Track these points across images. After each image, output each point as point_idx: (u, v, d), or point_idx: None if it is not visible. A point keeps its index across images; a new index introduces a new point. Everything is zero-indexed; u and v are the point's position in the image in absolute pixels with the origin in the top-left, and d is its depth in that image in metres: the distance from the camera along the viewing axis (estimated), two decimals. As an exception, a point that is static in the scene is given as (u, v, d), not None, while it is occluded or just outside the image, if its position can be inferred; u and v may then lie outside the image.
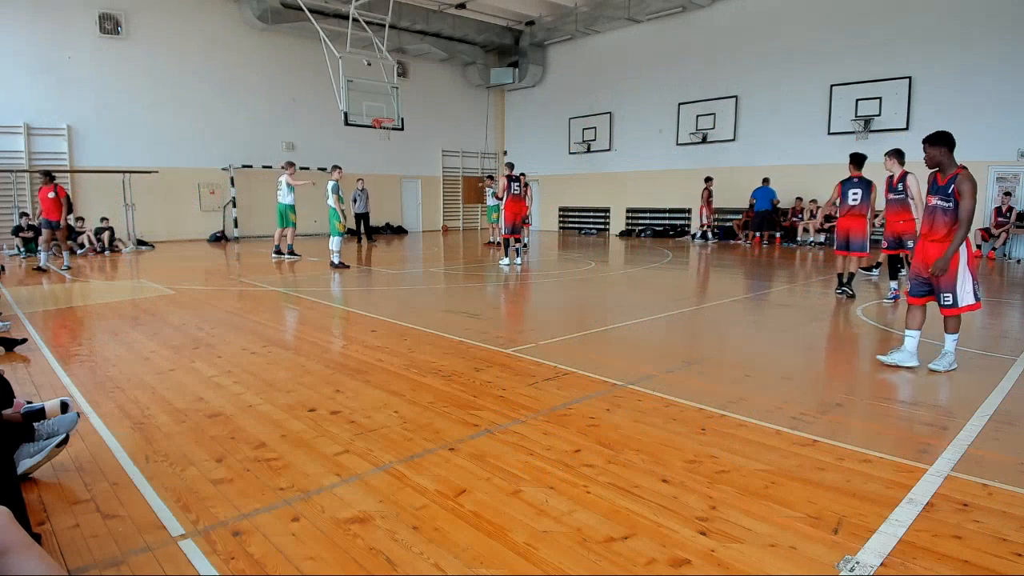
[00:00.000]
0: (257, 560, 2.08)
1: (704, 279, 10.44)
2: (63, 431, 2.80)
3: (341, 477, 2.72)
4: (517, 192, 11.21)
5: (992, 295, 8.30)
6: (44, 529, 2.28)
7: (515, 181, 11.23)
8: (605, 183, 20.36)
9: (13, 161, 14.05)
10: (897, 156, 7.02)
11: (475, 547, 2.17)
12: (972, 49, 12.83)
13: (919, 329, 4.42)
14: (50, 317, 6.55)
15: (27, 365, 4.62)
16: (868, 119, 14.25)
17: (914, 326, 4.42)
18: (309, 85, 17.85)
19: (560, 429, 3.29)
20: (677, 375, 4.37)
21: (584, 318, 6.84)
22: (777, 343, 5.51)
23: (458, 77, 22.42)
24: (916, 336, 4.40)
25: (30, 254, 13.07)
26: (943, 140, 4.23)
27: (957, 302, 4.19)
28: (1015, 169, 12.71)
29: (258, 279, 9.46)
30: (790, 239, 15.63)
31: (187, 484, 2.65)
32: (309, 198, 18.75)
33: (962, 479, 2.69)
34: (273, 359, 4.74)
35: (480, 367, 4.50)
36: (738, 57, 16.51)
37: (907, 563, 2.07)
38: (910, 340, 4.42)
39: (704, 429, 3.29)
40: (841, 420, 3.45)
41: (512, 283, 9.40)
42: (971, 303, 4.20)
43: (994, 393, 3.90)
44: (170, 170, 15.95)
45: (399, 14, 17.41)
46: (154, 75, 15.87)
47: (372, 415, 3.50)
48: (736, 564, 2.07)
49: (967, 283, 4.17)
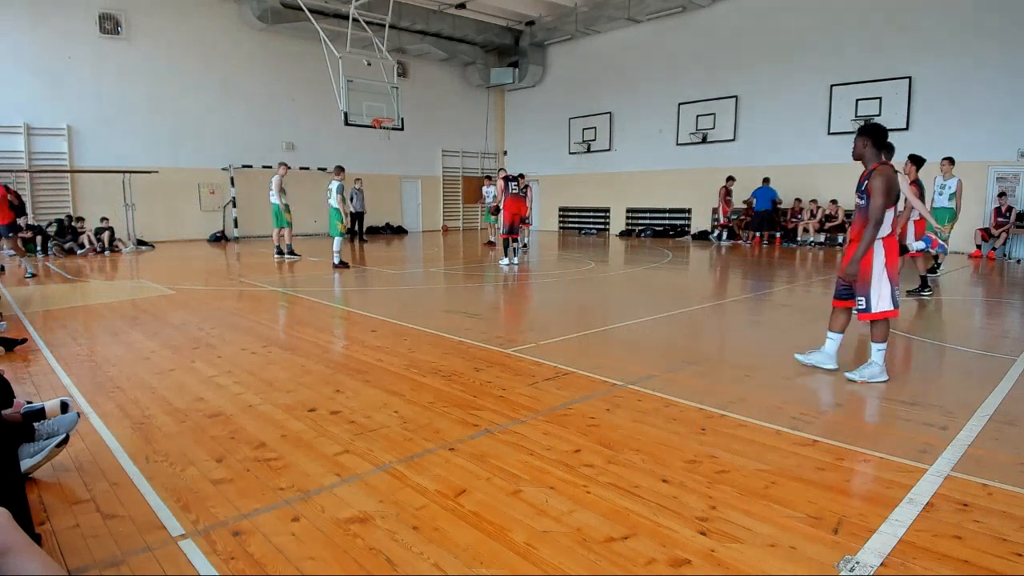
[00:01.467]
0: (257, 560, 2.08)
1: (704, 279, 10.44)
2: (63, 431, 2.80)
3: (341, 477, 2.72)
4: (515, 192, 11.20)
5: (992, 295, 8.30)
6: (44, 529, 2.28)
7: (512, 181, 11.22)
8: (605, 183, 20.35)
9: (13, 161, 14.04)
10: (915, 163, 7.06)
11: (475, 547, 2.17)
12: (972, 49, 12.82)
13: (841, 332, 4.29)
14: (50, 317, 6.55)
15: (27, 365, 4.62)
16: (868, 119, 14.23)
17: (835, 328, 4.29)
18: (309, 85, 17.84)
19: (560, 429, 3.29)
20: (677, 375, 4.36)
21: (584, 318, 6.84)
22: (777, 343, 5.51)
23: (458, 77, 22.42)
24: (837, 339, 4.28)
25: (30, 254, 13.07)
26: (868, 131, 4.08)
27: (870, 307, 3.99)
28: (1015, 169, 12.71)
29: (258, 279, 9.46)
30: (790, 239, 15.62)
31: (187, 484, 2.65)
32: (310, 198, 18.82)
33: (962, 479, 2.69)
34: (273, 359, 4.74)
35: (480, 367, 4.49)
36: (738, 57, 16.50)
37: (907, 563, 2.07)
38: (830, 342, 4.31)
39: (704, 429, 3.29)
40: (841, 420, 3.45)
41: (512, 283, 9.40)
42: (887, 309, 3.97)
43: (994, 393, 3.90)
44: (170, 170, 15.94)
45: (399, 14, 17.40)
46: (154, 75, 15.86)
47: (372, 415, 3.50)
48: (736, 564, 2.07)
49: (883, 287, 3.96)
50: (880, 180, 3.88)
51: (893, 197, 3.91)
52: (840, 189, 14.87)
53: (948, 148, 13.35)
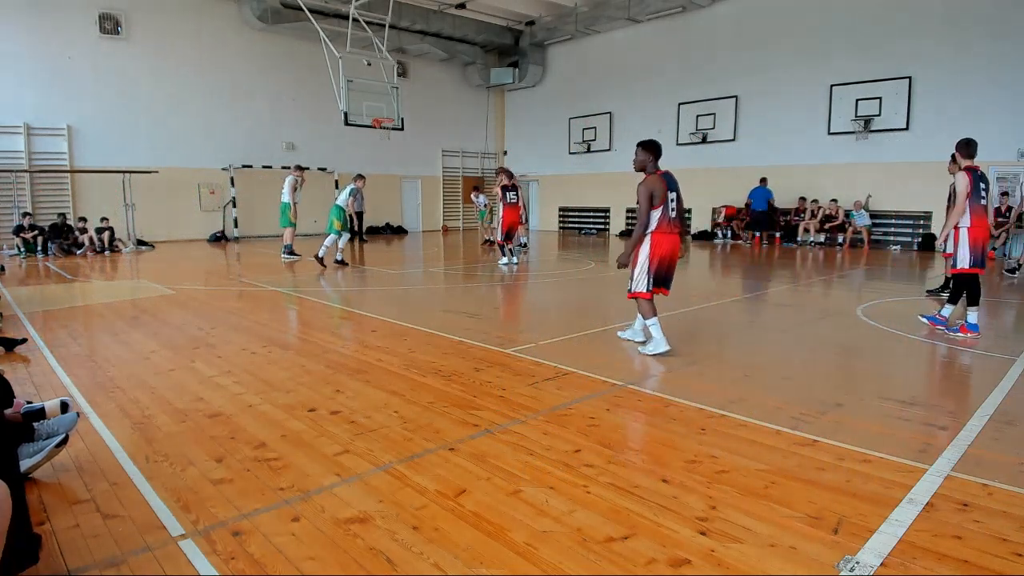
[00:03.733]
0: (257, 560, 2.08)
1: (704, 279, 10.44)
2: (63, 431, 2.80)
3: (341, 477, 2.72)
4: (515, 201, 11.14)
5: (992, 295, 8.30)
6: (44, 529, 2.28)
7: (512, 191, 11.15)
8: (605, 183, 20.34)
9: (13, 161, 14.04)
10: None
11: (475, 547, 2.17)
12: (972, 49, 12.82)
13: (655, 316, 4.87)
14: (50, 317, 6.55)
15: (27, 365, 4.62)
16: (868, 119, 14.24)
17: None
18: (309, 85, 17.83)
19: (560, 429, 3.29)
20: (677, 375, 4.37)
21: (584, 318, 6.84)
22: (777, 343, 5.51)
23: (458, 77, 22.42)
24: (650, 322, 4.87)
25: (30, 254, 13.08)
26: (644, 144, 4.82)
27: (631, 288, 4.90)
28: (1015, 169, 12.70)
29: (258, 279, 9.45)
30: (790, 239, 15.62)
31: (187, 484, 2.65)
32: (311, 197, 18.76)
33: (962, 479, 2.69)
34: (273, 359, 4.74)
35: (480, 367, 4.50)
36: (738, 57, 16.50)
37: (907, 563, 2.07)
38: (641, 321, 5.13)
39: (704, 429, 3.29)
40: (841, 420, 3.45)
41: (512, 283, 9.40)
42: (640, 291, 4.82)
43: (994, 393, 3.90)
44: (170, 170, 15.94)
45: (399, 14, 17.40)
46: (154, 75, 15.86)
47: (372, 415, 3.50)
48: (736, 564, 2.07)
49: (642, 274, 4.80)
50: (641, 188, 4.70)
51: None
52: (840, 189, 14.88)
53: (948, 148, 13.37)
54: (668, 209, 4.72)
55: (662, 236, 4.75)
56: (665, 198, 4.68)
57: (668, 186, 4.71)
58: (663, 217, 4.71)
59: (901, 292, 8.55)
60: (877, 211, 14.53)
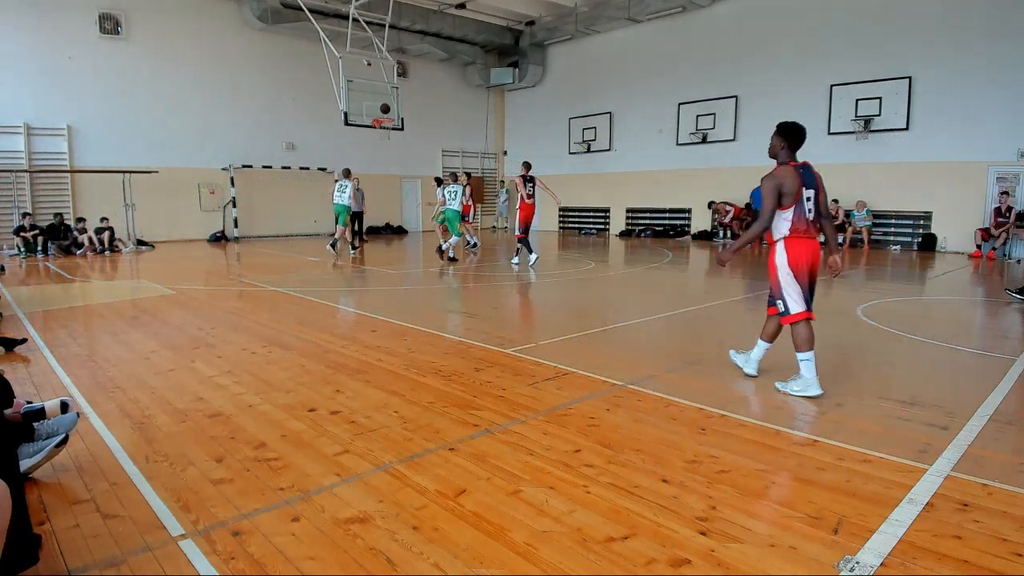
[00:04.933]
0: (257, 560, 2.08)
1: (704, 279, 10.44)
2: (63, 431, 2.80)
3: (341, 477, 2.72)
4: (531, 194, 10.81)
5: (992, 295, 8.30)
6: (44, 529, 2.28)
7: (530, 182, 10.85)
8: (605, 183, 20.35)
9: (13, 161, 14.04)
10: None
11: (475, 547, 2.17)
12: (972, 49, 12.82)
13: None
14: (50, 317, 6.55)
15: (27, 365, 4.62)
16: (868, 119, 14.24)
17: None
18: (309, 85, 17.83)
19: (560, 429, 3.29)
20: (677, 375, 4.37)
21: (584, 318, 6.84)
22: (777, 343, 5.49)
23: (458, 77, 22.42)
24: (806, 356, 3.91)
25: (30, 254, 13.07)
26: (781, 128, 4.09)
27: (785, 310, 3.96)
28: (1015, 169, 12.70)
29: (258, 279, 9.46)
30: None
31: (187, 484, 2.65)
32: (311, 198, 18.81)
33: (962, 479, 2.69)
34: (273, 359, 4.74)
35: (480, 367, 4.49)
36: (738, 57, 16.50)
37: (907, 563, 2.07)
38: (762, 348, 4.31)
39: (704, 429, 3.29)
40: (841, 420, 3.45)
41: (512, 283, 9.40)
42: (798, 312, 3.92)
43: (994, 393, 3.90)
44: (170, 170, 15.94)
45: (399, 14, 17.40)
46: (154, 75, 15.86)
47: (372, 415, 3.50)
48: (736, 564, 2.07)
49: (791, 289, 3.91)
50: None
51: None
52: (840, 189, 14.87)
53: (948, 148, 13.42)
54: (803, 210, 3.87)
55: (799, 242, 3.88)
56: (799, 195, 3.84)
57: (803, 181, 3.87)
58: (797, 218, 3.86)
59: (901, 292, 8.55)
60: (877, 211, 14.54)
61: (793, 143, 3.98)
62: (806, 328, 3.88)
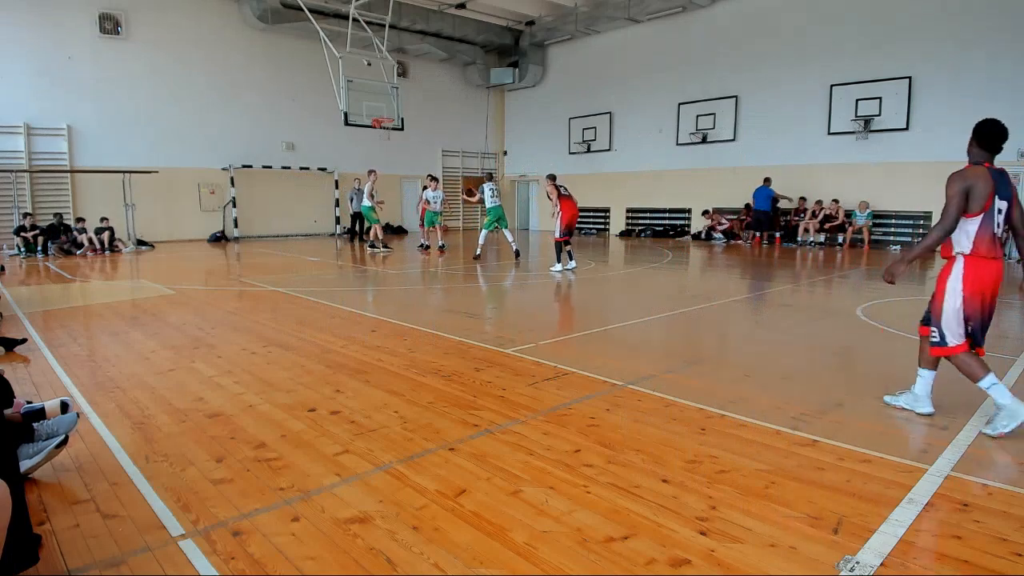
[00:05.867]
0: (257, 560, 2.08)
1: (704, 279, 10.44)
2: (63, 431, 2.80)
3: (341, 477, 2.72)
4: (567, 194, 10.27)
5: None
6: (44, 529, 2.28)
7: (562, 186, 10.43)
8: (605, 183, 20.34)
9: (13, 161, 14.04)
10: None
11: (475, 547, 2.17)
12: (972, 49, 12.82)
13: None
14: (50, 317, 6.55)
15: (27, 365, 4.62)
16: (868, 119, 14.24)
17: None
18: (309, 85, 17.84)
19: (560, 429, 3.29)
20: (677, 375, 4.36)
21: (584, 318, 6.84)
22: (777, 343, 5.51)
23: (458, 77, 22.41)
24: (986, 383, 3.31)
25: (30, 254, 13.07)
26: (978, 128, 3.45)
27: (941, 341, 3.39)
28: (1015, 169, 12.69)
29: (258, 279, 9.46)
30: (790, 239, 15.63)
31: (187, 484, 2.65)
32: (312, 198, 18.83)
33: (962, 479, 2.69)
34: (273, 359, 4.74)
35: (480, 367, 4.49)
36: (738, 57, 16.50)
37: (907, 563, 2.07)
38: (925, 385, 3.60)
39: (704, 429, 3.29)
40: (841, 420, 3.45)
41: (512, 283, 9.40)
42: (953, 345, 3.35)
43: (994, 393, 3.89)
44: (170, 170, 15.94)
45: (399, 14, 17.40)
46: (154, 75, 15.86)
47: (372, 415, 3.50)
48: (736, 564, 2.07)
49: (952, 320, 3.36)
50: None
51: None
52: (840, 189, 14.88)
53: (948, 148, 13.40)
54: (992, 223, 3.23)
55: (982, 262, 3.24)
56: (991, 202, 3.21)
57: (996, 189, 3.23)
58: (983, 231, 3.22)
59: (901, 292, 8.55)
60: (877, 211, 14.53)
61: (987, 145, 3.37)
62: (968, 360, 3.30)
